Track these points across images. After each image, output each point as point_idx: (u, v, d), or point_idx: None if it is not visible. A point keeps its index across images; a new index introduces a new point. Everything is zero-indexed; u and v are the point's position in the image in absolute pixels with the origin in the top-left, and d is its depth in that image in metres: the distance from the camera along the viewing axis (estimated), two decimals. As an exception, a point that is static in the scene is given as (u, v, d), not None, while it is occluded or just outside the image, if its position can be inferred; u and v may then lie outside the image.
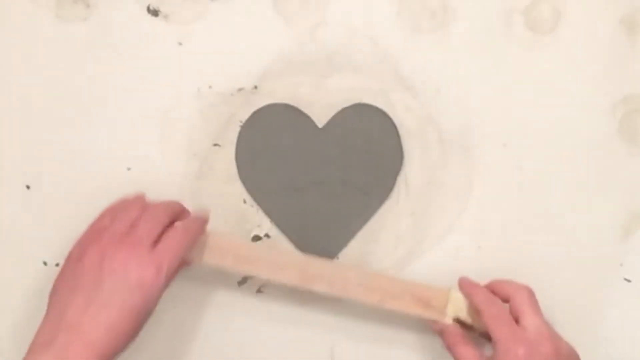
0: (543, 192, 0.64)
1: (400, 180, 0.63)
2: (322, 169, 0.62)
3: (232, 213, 0.63)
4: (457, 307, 0.59)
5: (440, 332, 0.59)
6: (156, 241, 0.55)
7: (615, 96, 0.64)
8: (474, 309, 0.58)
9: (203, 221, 0.59)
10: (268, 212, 0.63)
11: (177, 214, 0.58)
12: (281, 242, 0.63)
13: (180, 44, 0.64)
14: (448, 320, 0.59)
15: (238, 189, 0.63)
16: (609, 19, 0.64)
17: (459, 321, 0.59)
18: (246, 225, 0.63)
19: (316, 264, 0.60)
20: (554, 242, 0.63)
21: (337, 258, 0.63)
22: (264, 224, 0.63)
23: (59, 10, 0.63)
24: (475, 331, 0.59)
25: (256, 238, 0.63)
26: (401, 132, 0.63)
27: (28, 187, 0.63)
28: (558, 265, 0.63)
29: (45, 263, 0.62)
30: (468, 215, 0.63)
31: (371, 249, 0.63)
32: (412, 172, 0.63)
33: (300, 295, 0.62)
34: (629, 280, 0.63)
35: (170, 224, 0.57)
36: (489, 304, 0.57)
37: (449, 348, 0.58)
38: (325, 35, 0.64)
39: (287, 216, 0.63)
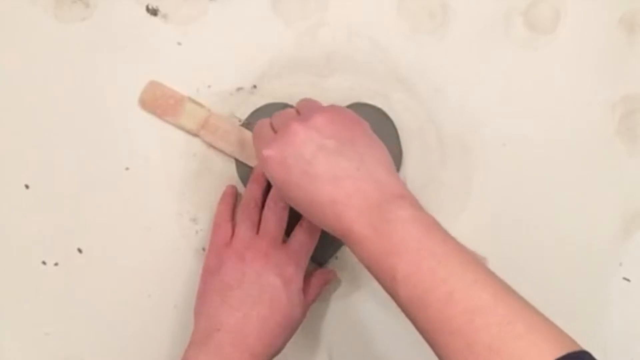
0: (542, 191, 0.64)
1: (400, 179, 0.63)
2: (322, 169, 0.62)
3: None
4: (192, 117, 0.62)
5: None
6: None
7: (614, 96, 0.64)
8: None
9: None
10: (267, 212, 0.63)
11: None
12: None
13: (179, 43, 0.64)
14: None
15: (238, 188, 0.63)
16: (608, 18, 0.64)
17: None
18: (245, 224, 0.63)
19: None
20: (554, 241, 0.63)
21: (336, 258, 0.63)
22: (263, 224, 0.63)
23: (58, 10, 0.63)
24: None
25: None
26: (401, 132, 0.63)
27: (27, 186, 0.63)
28: (557, 264, 0.63)
29: (44, 263, 0.62)
30: (467, 215, 0.63)
31: (370, 249, 0.63)
32: (412, 172, 0.63)
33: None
34: (628, 280, 0.63)
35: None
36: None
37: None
38: (324, 35, 0.64)
39: (286, 215, 0.63)
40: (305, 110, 0.55)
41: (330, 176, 0.50)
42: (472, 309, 0.44)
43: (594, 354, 0.59)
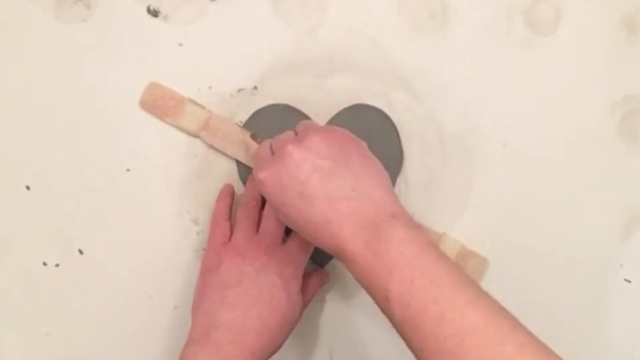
0: (542, 191, 0.64)
1: (401, 180, 0.63)
2: (322, 170, 0.62)
3: (232, 213, 0.63)
4: (193, 118, 0.62)
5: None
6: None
7: (615, 96, 0.64)
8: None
9: None
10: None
11: None
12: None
13: (180, 44, 0.63)
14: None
15: (238, 189, 0.63)
16: (609, 18, 0.64)
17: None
18: (246, 225, 0.63)
19: None
20: (554, 242, 0.63)
21: (337, 258, 0.63)
22: (264, 225, 0.63)
23: (58, 11, 0.63)
24: None
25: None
26: (401, 132, 0.63)
27: (28, 187, 0.63)
28: (558, 265, 0.63)
29: (45, 263, 0.62)
30: (468, 215, 0.63)
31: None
32: (412, 172, 0.63)
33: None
34: (629, 281, 0.63)
35: None
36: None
37: None
38: (325, 36, 0.64)
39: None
40: (302, 131, 0.55)
41: (324, 196, 0.50)
42: (463, 329, 0.44)
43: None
